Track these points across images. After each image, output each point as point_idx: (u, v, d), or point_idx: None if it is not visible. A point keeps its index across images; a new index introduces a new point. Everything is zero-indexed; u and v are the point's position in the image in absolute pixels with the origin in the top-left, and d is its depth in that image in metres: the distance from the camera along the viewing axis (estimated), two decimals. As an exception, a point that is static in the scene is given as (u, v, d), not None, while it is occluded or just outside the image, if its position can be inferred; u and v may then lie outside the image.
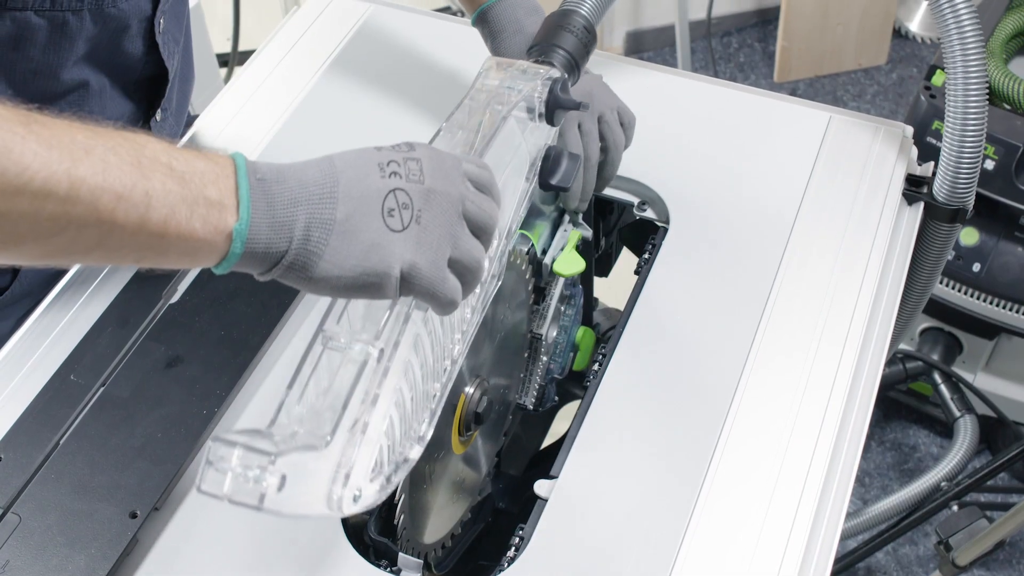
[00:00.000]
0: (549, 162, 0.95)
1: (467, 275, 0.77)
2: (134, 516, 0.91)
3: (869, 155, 1.18)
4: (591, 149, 1.07)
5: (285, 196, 0.71)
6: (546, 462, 1.03)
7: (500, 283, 0.90)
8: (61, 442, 0.96)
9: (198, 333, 1.04)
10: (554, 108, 0.93)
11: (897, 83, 3.07)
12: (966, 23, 1.04)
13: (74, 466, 0.94)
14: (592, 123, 1.07)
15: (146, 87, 1.20)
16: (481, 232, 0.78)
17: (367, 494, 0.75)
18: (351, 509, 0.74)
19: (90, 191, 0.65)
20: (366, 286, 0.72)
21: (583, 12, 0.99)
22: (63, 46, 1.04)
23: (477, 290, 0.88)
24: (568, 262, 1.12)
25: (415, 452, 0.82)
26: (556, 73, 0.94)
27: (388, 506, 0.95)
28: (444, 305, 0.76)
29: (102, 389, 1.00)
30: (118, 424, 0.97)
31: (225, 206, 0.69)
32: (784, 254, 1.09)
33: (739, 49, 3.22)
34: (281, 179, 0.71)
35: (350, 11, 1.38)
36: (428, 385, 0.83)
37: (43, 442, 0.96)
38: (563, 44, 0.97)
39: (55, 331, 1.07)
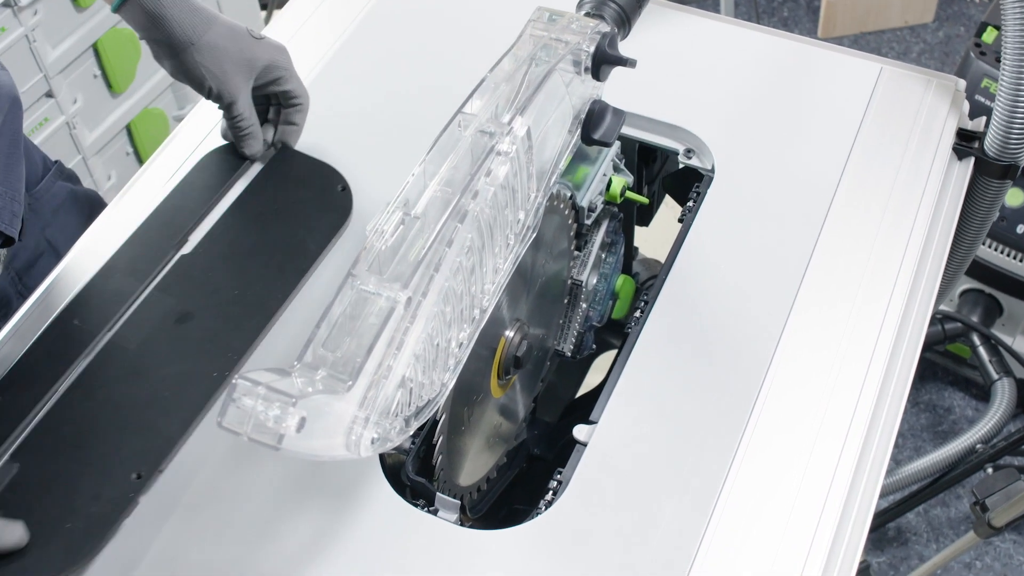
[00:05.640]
0: (593, 116, 0.94)
1: None
2: (139, 477, 0.86)
3: (920, 108, 1.16)
4: None
5: None
6: (581, 410, 1.03)
7: (536, 234, 0.90)
8: (61, 390, 0.92)
9: (211, 289, 1.00)
10: (600, 63, 0.91)
11: (943, 42, 3.02)
12: (1026, -27, 1.02)
13: (75, 417, 0.90)
14: None
15: None
16: None
17: (385, 437, 0.76)
18: (368, 452, 0.74)
19: None
20: None
21: None
22: None
23: (511, 242, 0.87)
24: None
25: (437, 398, 0.82)
26: (605, 27, 0.92)
27: (426, 448, 0.95)
28: None
29: (107, 337, 0.95)
30: (124, 377, 0.93)
31: None
32: (831, 205, 1.07)
33: (783, 3, 3.18)
34: None
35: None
36: (455, 333, 0.83)
37: (43, 388, 0.91)
38: None
39: (56, 271, 1.05)
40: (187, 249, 1.02)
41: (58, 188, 1.25)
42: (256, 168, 1.11)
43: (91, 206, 1.30)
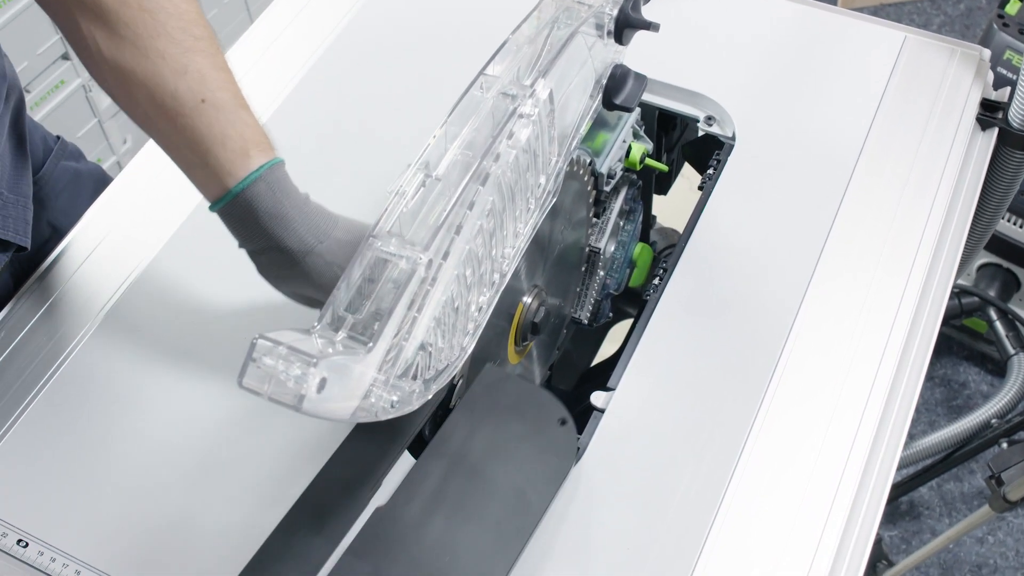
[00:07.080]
0: (615, 81, 0.93)
1: None
2: None
3: (944, 78, 1.14)
4: None
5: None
6: (596, 379, 1.02)
7: (556, 200, 0.89)
8: None
9: (414, 555, 0.81)
10: (624, 27, 0.90)
11: (964, 14, 2.99)
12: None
13: None
14: None
15: None
16: None
17: (405, 400, 0.75)
18: (387, 415, 0.74)
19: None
20: None
21: None
22: None
23: (531, 205, 0.87)
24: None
25: (457, 362, 0.82)
26: None
27: (443, 412, 0.95)
28: None
29: None
30: None
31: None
32: (853, 175, 1.06)
33: (803, -26, 3.15)
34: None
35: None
36: (475, 297, 0.83)
37: None
38: None
39: (57, 250, 1.05)
40: (382, 499, 0.84)
41: (60, 170, 1.21)
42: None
43: (95, 184, 1.26)
